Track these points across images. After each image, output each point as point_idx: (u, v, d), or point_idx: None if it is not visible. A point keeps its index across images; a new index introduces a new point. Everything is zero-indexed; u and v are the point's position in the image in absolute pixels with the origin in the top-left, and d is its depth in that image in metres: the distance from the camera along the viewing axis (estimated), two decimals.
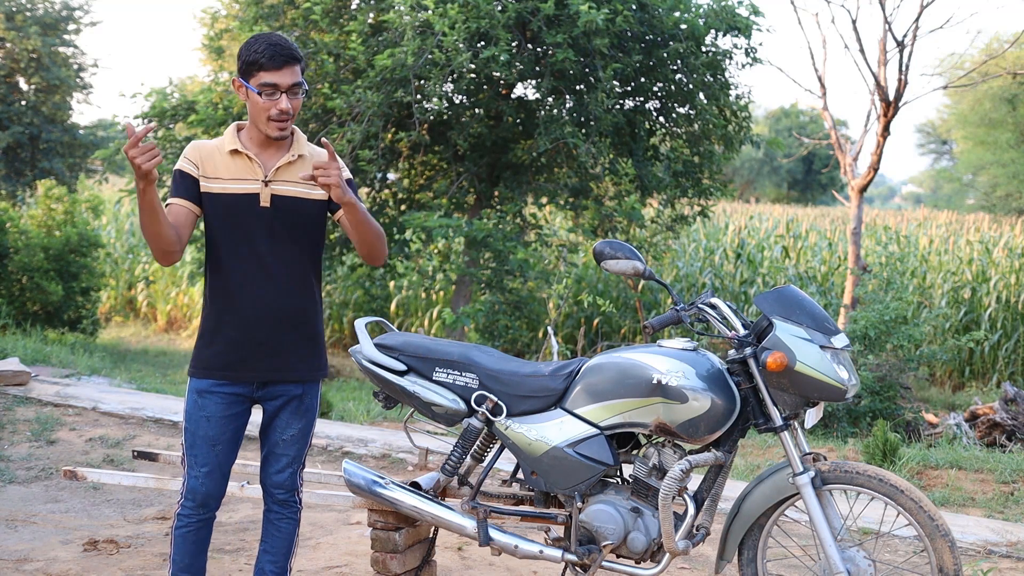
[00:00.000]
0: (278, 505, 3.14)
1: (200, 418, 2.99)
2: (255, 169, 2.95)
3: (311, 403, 3.10)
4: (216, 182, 2.94)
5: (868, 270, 10.16)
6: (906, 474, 5.76)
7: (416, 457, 5.48)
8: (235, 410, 3.02)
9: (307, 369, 3.05)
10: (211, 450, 3.00)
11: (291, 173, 2.97)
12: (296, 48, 2.92)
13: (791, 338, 3.08)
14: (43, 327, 11.37)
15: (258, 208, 2.93)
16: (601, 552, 3.25)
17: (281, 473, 3.10)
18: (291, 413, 3.06)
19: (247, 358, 2.96)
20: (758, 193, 40.33)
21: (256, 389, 3.02)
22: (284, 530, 3.15)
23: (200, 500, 3.03)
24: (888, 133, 9.83)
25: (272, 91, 2.87)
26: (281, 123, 2.90)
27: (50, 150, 16.31)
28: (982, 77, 14.19)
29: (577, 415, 3.28)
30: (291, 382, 3.04)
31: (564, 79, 9.38)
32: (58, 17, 16.58)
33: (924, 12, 9.64)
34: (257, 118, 2.92)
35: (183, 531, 3.05)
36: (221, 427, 3.00)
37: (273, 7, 10.00)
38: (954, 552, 3.02)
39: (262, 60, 2.85)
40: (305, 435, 3.11)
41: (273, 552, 3.15)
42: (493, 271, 9.39)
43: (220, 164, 2.95)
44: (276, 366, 2.99)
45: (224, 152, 2.96)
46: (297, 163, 2.98)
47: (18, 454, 5.71)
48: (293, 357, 3.01)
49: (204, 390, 2.98)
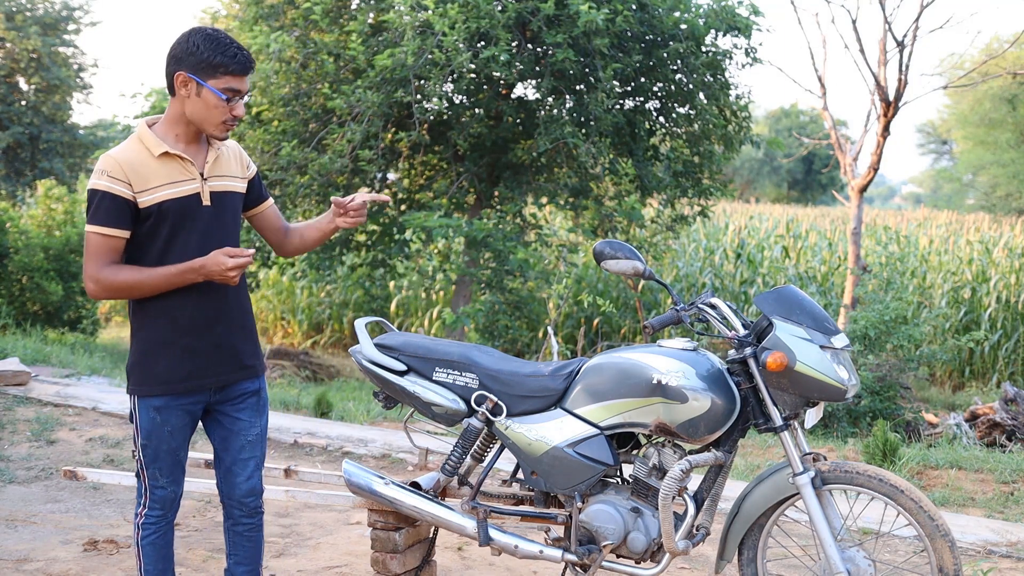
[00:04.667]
0: (248, 516, 3.06)
1: (163, 433, 2.90)
2: (190, 168, 2.85)
3: (265, 396, 3.08)
4: (152, 192, 2.78)
5: (868, 270, 10.17)
6: (906, 474, 5.76)
7: (416, 457, 5.49)
8: (194, 417, 2.98)
9: (257, 362, 3.04)
10: (174, 458, 2.95)
11: (220, 167, 2.94)
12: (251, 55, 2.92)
13: (791, 338, 3.08)
14: (43, 327, 11.37)
15: (200, 208, 2.86)
16: (601, 552, 3.25)
17: (251, 479, 3.03)
18: (252, 411, 3.02)
19: (207, 363, 2.90)
20: (758, 193, 40.33)
21: (214, 392, 2.96)
22: (255, 539, 3.10)
23: (168, 505, 2.99)
24: (888, 133, 9.83)
25: (233, 96, 2.82)
26: (230, 126, 2.87)
27: (50, 150, 16.32)
28: (982, 77, 14.19)
29: (577, 415, 3.28)
30: (248, 379, 3.01)
31: (564, 79, 9.38)
32: (58, 17, 16.59)
33: (924, 12, 9.64)
34: (204, 119, 2.81)
35: (152, 538, 2.98)
36: (183, 435, 2.95)
37: (273, 7, 10.00)
38: (954, 552, 3.02)
39: (232, 65, 2.77)
40: (265, 431, 3.08)
41: (248, 562, 3.10)
42: (493, 271, 9.39)
43: (151, 172, 2.79)
44: (235, 366, 2.96)
45: (153, 157, 2.80)
46: (223, 156, 2.96)
47: (18, 454, 5.71)
48: (244, 353, 2.99)
49: (162, 406, 2.88)
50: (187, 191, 2.84)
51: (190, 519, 4.75)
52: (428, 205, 10.08)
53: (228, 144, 3.02)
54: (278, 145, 9.51)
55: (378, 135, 9.20)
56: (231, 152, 3.01)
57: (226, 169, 2.96)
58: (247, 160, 3.07)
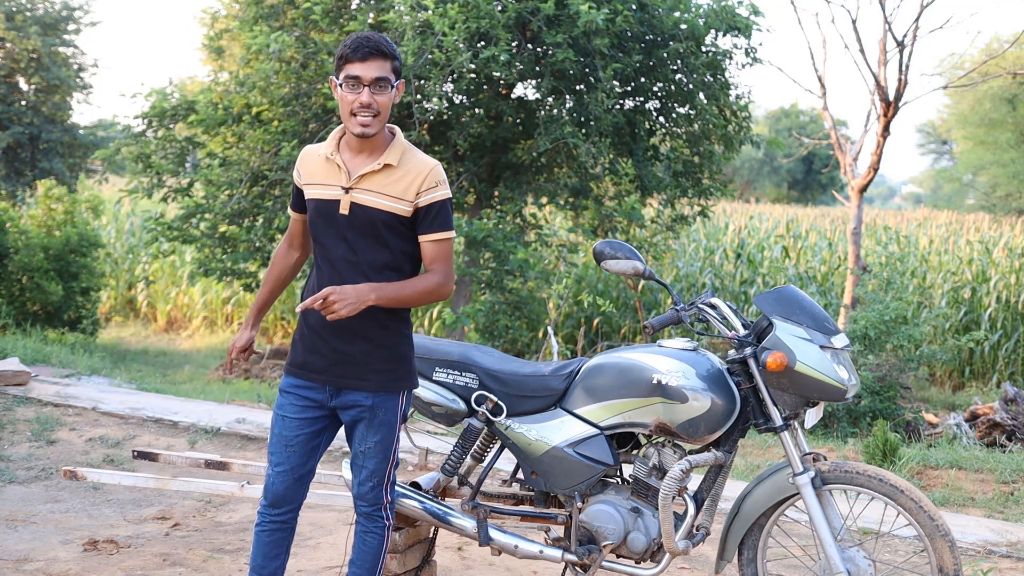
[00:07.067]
0: (363, 518, 3.10)
1: (278, 416, 3.03)
2: (340, 176, 2.90)
3: (386, 417, 2.99)
4: (311, 188, 2.96)
5: (868, 270, 10.16)
6: (906, 474, 5.76)
7: (416, 457, 5.48)
8: (310, 415, 2.99)
9: (379, 380, 2.95)
10: (284, 449, 3.00)
11: (374, 182, 2.88)
12: (387, 45, 2.84)
13: (791, 338, 3.08)
14: (43, 327, 11.37)
15: (337, 215, 2.90)
16: (601, 552, 3.25)
17: (363, 485, 3.05)
18: (366, 426, 2.99)
19: (323, 364, 2.95)
20: (758, 193, 40.32)
21: (331, 397, 2.98)
22: (369, 543, 3.10)
23: (271, 499, 3.03)
24: (888, 133, 9.83)
25: (355, 83, 2.81)
26: (363, 118, 2.82)
27: (50, 150, 16.32)
28: (982, 77, 14.19)
29: (577, 415, 3.28)
30: (360, 391, 2.96)
31: (564, 79, 9.38)
32: (58, 17, 16.59)
33: (924, 12, 9.64)
34: (343, 114, 2.87)
35: (258, 530, 3.08)
36: (295, 428, 2.99)
37: (273, 7, 10.00)
38: (954, 552, 3.02)
39: (347, 52, 2.82)
40: (384, 449, 3.01)
41: (358, 564, 3.12)
42: (493, 271, 9.39)
43: (316, 169, 2.96)
44: (345, 373, 2.94)
45: (321, 156, 2.96)
46: (382, 172, 2.88)
47: (18, 454, 5.71)
48: (364, 368, 2.94)
49: (284, 389, 3.02)
50: (329, 196, 2.93)
51: (190, 519, 4.75)
52: None
53: (413, 161, 2.91)
54: (278, 145, 9.51)
55: None
56: (409, 173, 2.89)
57: (383, 185, 2.88)
58: (428, 187, 2.89)
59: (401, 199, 2.87)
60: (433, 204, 2.89)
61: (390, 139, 2.94)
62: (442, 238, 2.92)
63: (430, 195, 2.89)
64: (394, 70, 2.86)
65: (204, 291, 15.04)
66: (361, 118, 2.82)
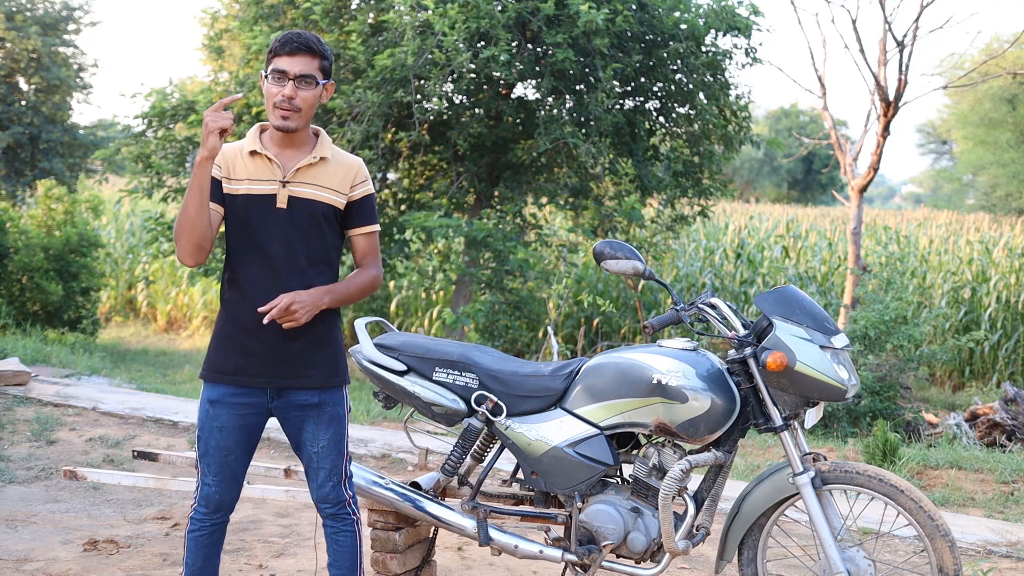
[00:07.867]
0: (330, 520, 3.08)
1: (212, 428, 2.93)
2: (274, 170, 2.90)
3: (335, 411, 2.99)
4: (236, 183, 2.90)
5: (868, 270, 10.17)
6: (906, 474, 5.76)
7: (416, 457, 5.48)
8: (249, 421, 2.96)
9: (321, 376, 2.95)
10: (224, 460, 2.95)
11: (311, 175, 2.91)
12: (318, 43, 2.87)
13: (791, 338, 3.08)
14: (43, 327, 11.37)
15: (274, 210, 2.89)
16: (601, 552, 3.25)
17: (323, 487, 3.03)
18: (315, 424, 2.97)
19: (256, 363, 2.90)
20: (758, 193, 40.31)
21: (271, 399, 2.95)
22: (343, 543, 3.08)
23: (214, 507, 3.00)
24: (888, 133, 9.84)
25: (280, 77, 2.84)
26: (284, 111, 2.85)
27: (50, 150, 16.30)
28: (982, 77, 14.19)
29: (577, 415, 3.28)
30: (304, 389, 2.95)
31: (564, 79, 9.38)
32: (58, 17, 16.58)
33: (924, 12, 9.64)
34: (267, 107, 2.89)
35: (196, 535, 3.02)
36: (235, 438, 2.94)
37: (273, 7, 10.00)
38: (954, 552, 3.02)
39: (276, 46, 2.85)
40: (338, 444, 3.01)
41: (338, 565, 3.11)
42: (493, 271, 9.38)
43: (240, 165, 2.92)
44: (286, 373, 2.92)
45: (245, 153, 2.92)
46: (319, 165, 2.93)
47: (18, 454, 5.71)
48: (303, 364, 2.93)
49: (216, 399, 2.92)
50: (262, 190, 2.90)
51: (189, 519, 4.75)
52: (428, 205, 10.08)
53: (342, 156, 2.99)
54: None
55: (378, 135, 9.20)
56: (341, 167, 2.97)
57: (319, 178, 2.92)
58: (359, 181, 2.99)
59: (338, 191, 2.95)
60: (365, 198, 3.00)
61: (315, 139, 2.99)
62: (373, 231, 3.04)
63: (362, 188, 2.99)
64: (322, 69, 2.89)
65: (204, 291, 15.04)
66: (282, 111, 2.86)
